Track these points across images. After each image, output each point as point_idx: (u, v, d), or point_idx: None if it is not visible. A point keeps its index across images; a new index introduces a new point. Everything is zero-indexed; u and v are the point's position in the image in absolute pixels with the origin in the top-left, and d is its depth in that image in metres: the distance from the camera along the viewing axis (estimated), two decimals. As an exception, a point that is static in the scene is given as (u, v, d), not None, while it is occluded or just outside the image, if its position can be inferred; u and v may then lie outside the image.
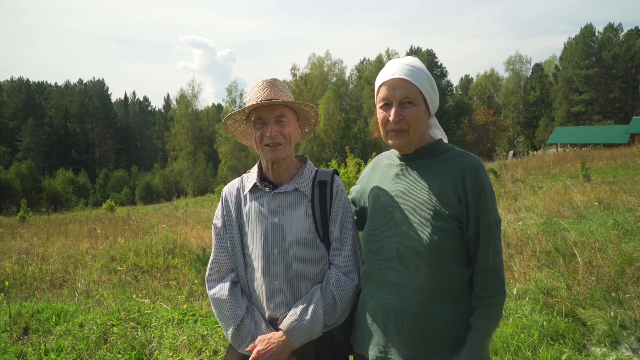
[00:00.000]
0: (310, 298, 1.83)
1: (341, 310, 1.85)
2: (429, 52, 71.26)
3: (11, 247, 11.66)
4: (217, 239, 2.00)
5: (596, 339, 3.81)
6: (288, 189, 1.92)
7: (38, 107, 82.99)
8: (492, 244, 1.62)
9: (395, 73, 1.69)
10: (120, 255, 9.38)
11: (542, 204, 10.42)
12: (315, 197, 1.93)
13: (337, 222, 1.92)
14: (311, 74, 73.10)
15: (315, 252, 1.88)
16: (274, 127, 1.86)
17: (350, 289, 1.86)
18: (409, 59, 1.74)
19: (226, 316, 1.88)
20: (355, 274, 1.89)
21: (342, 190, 1.97)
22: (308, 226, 1.89)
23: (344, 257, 1.89)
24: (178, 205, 32.37)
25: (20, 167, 54.82)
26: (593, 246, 5.84)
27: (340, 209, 1.93)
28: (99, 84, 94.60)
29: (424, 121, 1.73)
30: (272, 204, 1.91)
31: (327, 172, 2.01)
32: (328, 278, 1.87)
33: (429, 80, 1.71)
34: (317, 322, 1.79)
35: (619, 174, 16.33)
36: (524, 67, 73.77)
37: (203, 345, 4.08)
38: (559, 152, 38.28)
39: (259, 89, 1.90)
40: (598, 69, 59.14)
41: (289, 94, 1.96)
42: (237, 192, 2.02)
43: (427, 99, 1.70)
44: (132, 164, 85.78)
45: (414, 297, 1.64)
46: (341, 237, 1.91)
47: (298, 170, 2.00)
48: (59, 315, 5.10)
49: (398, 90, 1.68)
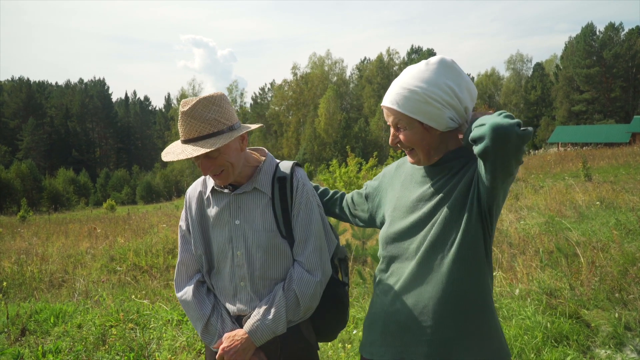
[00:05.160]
0: (273, 298, 1.83)
1: (304, 307, 1.84)
2: (430, 51, 71.28)
3: (11, 247, 11.64)
4: (182, 242, 1.99)
5: (600, 340, 3.77)
6: (246, 189, 1.88)
7: (39, 106, 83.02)
8: None
9: (385, 100, 1.66)
10: (120, 255, 9.35)
11: (544, 204, 10.38)
12: (276, 194, 1.88)
13: (299, 218, 1.87)
14: (312, 74, 73.17)
15: (277, 251, 1.85)
16: (204, 163, 1.76)
17: (313, 286, 1.84)
18: (409, 77, 1.62)
19: (194, 317, 1.91)
20: (319, 270, 1.86)
21: (303, 183, 1.90)
22: (269, 225, 1.85)
23: (307, 253, 1.86)
24: (179, 204, 32.38)
25: (20, 167, 54.90)
26: (595, 246, 5.81)
27: (302, 204, 1.88)
28: (99, 83, 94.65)
29: (428, 139, 1.63)
30: (233, 206, 1.88)
31: (286, 166, 1.94)
32: (291, 276, 1.85)
33: (426, 101, 1.56)
34: (280, 321, 1.80)
35: (620, 173, 16.30)
36: (525, 67, 73.91)
37: (202, 347, 4.04)
38: (560, 151, 38.24)
39: (179, 124, 1.77)
40: (599, 68, 59.12)
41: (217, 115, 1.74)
42: (199, 195, 1.98)
43: (422, 121, 1.59)
44: (132, 164, 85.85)
45: (434, 298, 1.59)
46: (304, 233, 1.87)
47: (256, 167, 1.93)
48: (58, 316, 5.07)
49: (389, 118, 1.67)
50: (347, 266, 2.11)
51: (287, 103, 76.52)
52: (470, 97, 1.63)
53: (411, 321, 1.63)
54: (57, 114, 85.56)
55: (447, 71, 1.59)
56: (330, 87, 65.69)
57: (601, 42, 60.45)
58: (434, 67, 1.59)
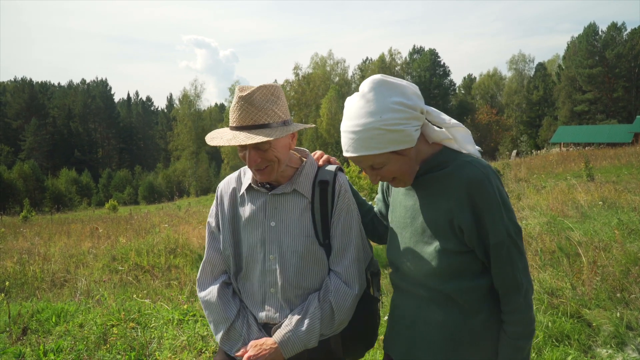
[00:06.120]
0: (307, 308, 1.71)
1: (339, 320, 1.74)
2: (432, 51, 71.22)
3: (13, 246, 11.66)
4: (211, 239, 1.88)
5: (602, 340, 3.76)
6: (285, 190, 1.76)
7: (41, 107, 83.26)
8: (508, 259, 1.48)
9: (348, 151, 1.52)
10: (121, 255, 9.36)
11: (546, 204, 10.35)
12: (316, 198, 1.77)
13: (339, 225, 1.76)
14: (314, 74, 73.13)
15: (313, 259, 1.75)
16: (252, 155, 1.65)
17: (350, 298, 1.74)
18: (355, 116, 1.49)
19: (216, 319, 1.78)
20: (357, 283, 1.76)
21: (345, 189, 1.80)
22: (307, 230, 1.74)
23: (346, 264, 1.76)
24: (180, 204, 32.44)
25: (23, 167, 55.08)
26: (597, 246, 5.79)
27: (343, 210, 1.77)
28: (101, 83, 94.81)
29: (407, 161, 1.55)
30: (269, 206, 1.77)
31: (329, 171, 1.83)
32: (327, 286, 1.74)
33: (386, 130, 1.45)
34: (313, 334, 1.69)
35: (622, 173, 16.25)
36: (527, 67, 73.76)
37: (203, 346, 4.04)
38: (562, 151, 38.17)
39: (233, 109, 1.65)
40: (601, 68, 58.99)
41: (275, 106, 1.66)
42: (233, 191, 1.86)
43: (393, 150, 1.49)
44: (135, 164, 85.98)
45: (434, 309, 1.59)
46: (343, 242, 1.76)
47: (297, 169, 1.82)
48: (59, 315, 5.08)
49: (361, 164, 1.57)
50: (379, 281, 1.97)
51: (289, 103, 76.31)
52: (418, 97, 1.53)
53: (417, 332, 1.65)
54: (59, 114, 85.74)
55: (385, 90, 1.48)
56: (332, 88, 65.63)
57: (603, 42, 60.32)
58: (372, 95, 1.47)
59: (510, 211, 1.50)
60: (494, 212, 1.46)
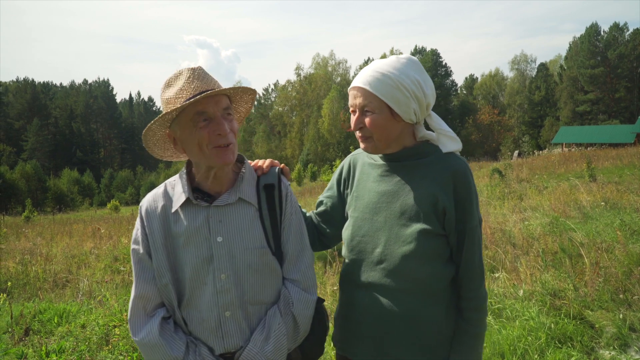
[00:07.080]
0: (269, 325, 1.57)
1: (303, 331, 1.63)
2: (434, 51, 71.12)
3: (15, 247, 11.68)
4: (139, 269, 1.59)
5: (605, 341, 3.75)
6: (230, 200, 1.58)
7: (43, 107, 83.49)
8: (477, 244, 1.64)
9: (357, 80, 1.66)
10: (123, 256, 9.37)
11: (548, 204, 10.33)
12: (263, 205, 1.63)
13: (291, 230, 1.65)
14: (315, 74, 73.20)
15: (269, 270, 1.60)
16: (222, 123, 1.50)
17: (312, 306, 1.64)
18: (382, 64, 1.65)
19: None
20: (314, 287, 1.66)
21: (291, 191, 1.71)
22: (259, 241, 1.59)
23: (303, 269, 1.64)
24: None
25: (25, 167, 55.19)
26: (600, 247, 5.77)
27: (293, 214, 1.66)
28: (103, 84, 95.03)
29: (391, 127, 1.64)
30: (212, 220, 1.57)
31: (271, 173, 1.69)
32: (286, 297, 1.61)
33: (398, 86, 1.59)
34: (281, 351, 1.56)
35: (625, 173, 16.20)
36: (529, 67, 73.75)
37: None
38: (564, 151, 38.10)
39: (188, 80, 1.51)
40: (603, 68, 58.92)
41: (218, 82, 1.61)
42: (163, 209, 1.61)
43: (391, 106, 1.60)
44: (137, 164, 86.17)
45: (402, 298, 1.62)
46: (297, 246, 1.65)
47: (237, 174, 1.65)
48: (61, 316, 5.09)
49: (357, 99, 1.65)
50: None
51: (290, 104, 76.62)
52: (433, 95, 1.69)
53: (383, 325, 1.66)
54: (61, 114, 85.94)
55: (415, 67, 1.66)
56: (334, 88, 65.63)
57: (605, 42, 60.25)
58: (404, 61, 1.65)
59: (478, 202, 1.68)
60: (472, 200, 1.63)
